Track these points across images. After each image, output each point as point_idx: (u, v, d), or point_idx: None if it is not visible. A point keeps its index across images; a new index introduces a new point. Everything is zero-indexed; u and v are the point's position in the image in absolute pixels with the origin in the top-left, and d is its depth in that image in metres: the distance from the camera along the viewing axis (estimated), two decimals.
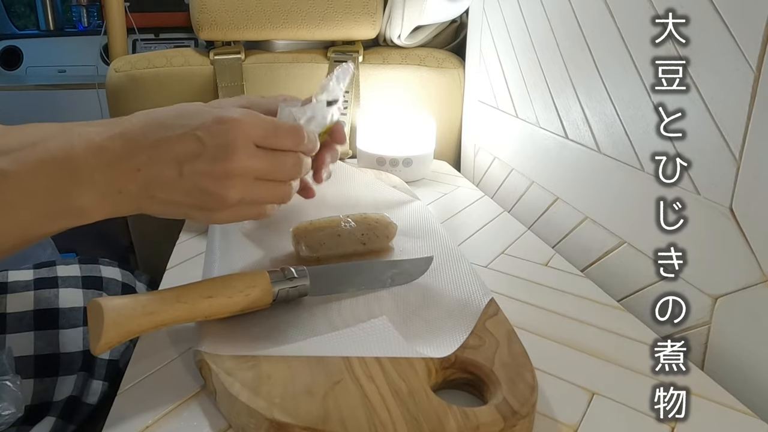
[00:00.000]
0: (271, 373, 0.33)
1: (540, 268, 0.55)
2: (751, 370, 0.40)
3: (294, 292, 0.40)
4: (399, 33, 0.95)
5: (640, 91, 0.50)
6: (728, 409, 0.36)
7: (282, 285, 0.39)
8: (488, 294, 0.42)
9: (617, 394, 0.37)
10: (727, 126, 0.41)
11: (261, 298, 0.38)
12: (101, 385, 0.52)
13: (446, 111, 0.96)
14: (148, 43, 1.83)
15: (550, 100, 0.66)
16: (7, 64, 1.98)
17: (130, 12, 1.40)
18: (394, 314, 0.41)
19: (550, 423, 0.34)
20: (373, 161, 0.80)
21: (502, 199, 0.79)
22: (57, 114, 1.82)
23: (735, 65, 0.40)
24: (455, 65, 0.96)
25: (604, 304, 0.48)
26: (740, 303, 0.41)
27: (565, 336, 0.43)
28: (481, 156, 0.88)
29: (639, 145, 0.51)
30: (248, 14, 0.90)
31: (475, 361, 0.35)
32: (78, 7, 2.05)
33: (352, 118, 0.94)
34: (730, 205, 0.41)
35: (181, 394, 0.36)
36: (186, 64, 0.93)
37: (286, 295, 0.39)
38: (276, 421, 0.30)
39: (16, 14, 2.16)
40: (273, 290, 0.39)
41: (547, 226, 0.68)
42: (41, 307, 0.51)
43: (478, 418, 0.30)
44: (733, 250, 0.41)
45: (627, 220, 0.53)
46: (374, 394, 0.32)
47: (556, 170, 0.66)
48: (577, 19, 0.59)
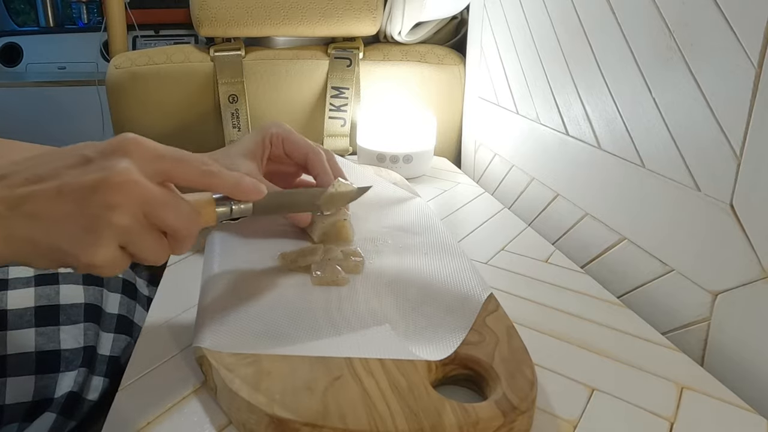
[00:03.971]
0: (272, 369, 0.33)
1: (540, 264, 0.55)
2: (751, 366, 0.40)
3: (237, 211, 0.39)
4: (399, 29, 0.95)
5: (640, 87, 0.50)
6: (728, 405, 0.36)
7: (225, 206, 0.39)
8: (488, 289, 0.42)
9: (617, 390, 0.37)
10: (728, 122, 0.41)
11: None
12: (102, 382, 0.52)
13: (447, 107, 0.96)
14: (148, 39, 1.83)
15: (550, 97, 0.66)
16: (7, 61, 1.98)
17: (130, 8, 1.39)
18: (394, 310, 0.41)
19: (550, 419, 0.34)
20: (373, 158, 0.80)
21: (503, 195, 0.79)
22: (57, 111, 1.83)
23: (736, 61, 0.40)
24: (456, 62, 0.96)
25: (604, 300, 0.48)
26: (740, 299, 0.41)
27: (564, 332, 0.43)
28: (482, 152, 0.88)
29: (639, 141, 0.51)
30: (248, 11, 0.89)
31: (475, 357, 0.35)
32: (78, 4, 2.05)
33: (353, 115, 0.94)
34: (731, 201, 0.41)
35: (181, 391, 0.36)
36: (186, 60, 0.93)
37: (229, 212, 0.39)
38: (276, 417, 0.30)
39: (16, 11, 2.16)
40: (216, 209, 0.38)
41: (548, 222, 0.68)
42: (42, 304, 0.51)
43: (477, 414, 0.30)
44: (733, 246, 0.41)
45: (627, 217, 0.53)
46: (374, 390, 0.32)
47: (556, 167, 0.66)
48: (578, 15, 0.59)
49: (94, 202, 0.30)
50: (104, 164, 0.31)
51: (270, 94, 0.94)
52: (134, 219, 0.31)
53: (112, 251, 0.31)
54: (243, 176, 0.38)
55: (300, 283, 0.44)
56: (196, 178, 0.35)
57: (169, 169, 0.34)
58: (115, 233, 0.31)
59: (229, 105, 0.93)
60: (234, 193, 0.38)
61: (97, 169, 0.31)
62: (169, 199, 0.33)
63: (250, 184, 0.38)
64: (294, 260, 0.46)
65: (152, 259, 0.34)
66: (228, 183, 0.37)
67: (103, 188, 0.30)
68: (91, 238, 0.30)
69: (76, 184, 0.30)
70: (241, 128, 0.93)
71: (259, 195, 0.38)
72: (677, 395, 0.36)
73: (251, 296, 0.42)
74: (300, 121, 0.96)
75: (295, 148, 0.54)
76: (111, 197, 0.30)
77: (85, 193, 0.30)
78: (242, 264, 0.46)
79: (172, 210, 0.33)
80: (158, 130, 0.94)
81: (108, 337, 0.54)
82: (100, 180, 0.30)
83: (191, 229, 0.35)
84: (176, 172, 0.34)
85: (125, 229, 0.31)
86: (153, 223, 0.33)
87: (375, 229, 0.54)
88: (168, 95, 0.93)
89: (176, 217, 0.33)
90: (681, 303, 0.47)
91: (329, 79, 0.94)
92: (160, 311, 0.45)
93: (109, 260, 0.31)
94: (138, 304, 0.60)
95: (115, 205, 0.30)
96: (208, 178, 0.36)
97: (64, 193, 0.30)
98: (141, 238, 0.32)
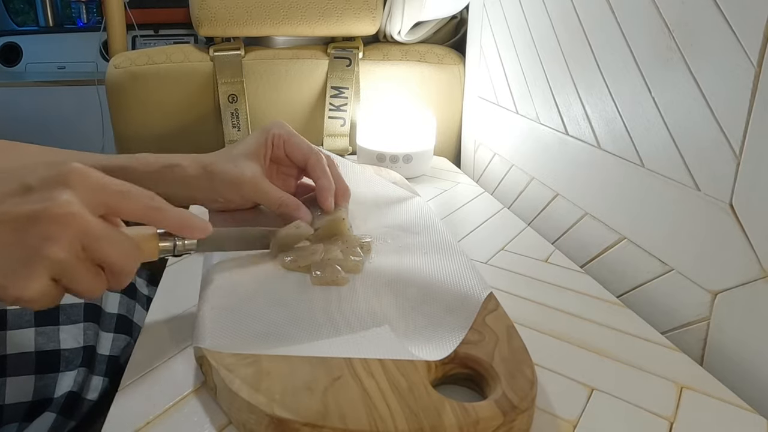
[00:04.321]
0: (271, 370, 0.33)
1: (540, 264, 0.55)
2: (751, 366, 0.40)
3: (180, 247, 0.39)
4: (399, 29, 0.95)
5: (640, 87, 0.50)
6: (727, 404, 0.36)
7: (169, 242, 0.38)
8: (487, 288, 0.42)
9: (617, 389, 0.37)
10: (728, 122, 0.41)
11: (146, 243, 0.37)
12: (102, 381, 0.52)
13: (446, 107, 0.96)
14: (147, 39, 1.83)
15: (550, 96, 0.66)
16: (7, 61, 1.98)
17: (129, 8, 1.39)
18: (394, 309, 0.41)
19: (550, 418, 0.34)
20: (373, 158, 0.80)
21: (502, 195, 0.79)
22: (57, 110, 1.83)
23: (736, 61, 0.40)
24: (455, 61, 0.96)
25: (604, 300, 0.48)
26: (740, 299, 0.41)
27: (564, 332, 0.43)
28: (481, 152, 0.88)
29: (639, 141, 0.51)
30: (248, 10, 0.89)
31: (475, 357, 0.35)
32: (77, 4, 2.05)
33: (352, 115, 0.94)
34: (730, 200, 0.41)
35: (181, 391, 0.36)
36: (186, 60, 0.93)
37: (172, 248, 0.39)
38: (276, 417, 0.30)
39: (16, 10, 2.15)
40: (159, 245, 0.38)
41: (547, 222, 0.68)
42: None
43: (477, 413, 0.30)
44: (732, 245, 0.41)
45: (627, 216, 0.53)
46: (374, 390, 0.32)
47: (556, 166, 0.66)
48: (578, 15, 0.59)
49: (31, 233, 0.30)
50: (45, 195, 0.30)
51: (270, 94, 0.94)
52: (71, 252, 0.30)
53: (43, 285, 0.30)
54: (190, 214, 0.37)
55: (300, 283, 0.44)
56: (141, 212, 0.34)
57: (113, 203, 0.33)
58: (49, 266, 0.30)
59: (229, 105, 0.92)
60: (179, 230, 0.37)
61: (38, 199, 0.30)
62: (108, 233, 0.32)
63: (196, 222, 0.37)
64: (294, 260, 0.46)
65: (87, 294, 0.33)
66: (173, 220, 0.36)
67: (41, 220, 0.30)
68: (25, 271, 0.30)
69: (14, 213, 0.30)
70: (240, 128, 0.93)
71: (204, 233, 0.38)
72: (677, 395, 0.36)
73: (251, 296, 0.42)
74: (300, 120, 0.96)
75: (296, 150, 0.53)
76: (49, 229, 0.30)
77: (23, 223, 0.30)
78: (242, 264, 0.46)
79: (110, 244, 0.32)
80: (158, 130, 0.94)
81: (108, 337, 0.54)
82: (39, 211, 0.30)
83: (130, 264, 0.34)
84: (120, 206, 0.33)
85: (60, 263, 0.30)
86: (91, 257, 0.32)
87: (375, 228, 0.54)
88: (168, 95, 0.93)
89: (115, 251, 0.32)
90: (680, 303, 0.47)
91: (329, 78, 0.94)
92: (159, 311, 0.45)
93: (38, 294, 0.30)
94: (138, 303, 0.60)
95: (52, 237, 0.30)
96: (153, 213, 0.35)
97: (2, 222, 0.30)
98: (76, 272, 0.31)
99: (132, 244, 0.34)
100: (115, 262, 0.33)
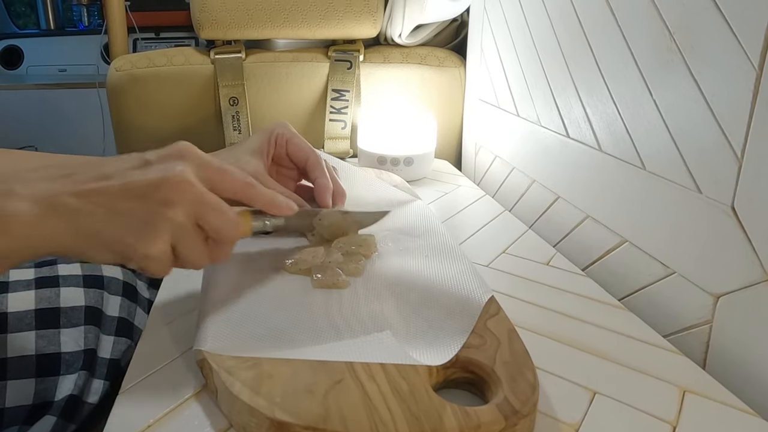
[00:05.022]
0: (272, 372, 0.33)
1: (541, 267, 0.55)
2: (753, 369, 0.40)
3: (269, 225, 0.43)
4: (400, 32, 0.95)
5: (641, 89, 0.50)
6: (730, 408, 0.36)
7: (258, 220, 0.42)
8: (489, 292, 0.42)
9: (619, 393, 0.37)
10: (729, 124, 0.41)
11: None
12: (102, 385, 0.51)
13: (447, 110, 0.96)
14: (148, 42, 1.83)
15: (551, 99, 0.66)
16: (8, 64, 1.99)
17: (130, 11, 1.40)
18: (395, 312, 0.41)
19: (552, 422, 0.34)
20: (373, 160, 0.80)
21: (503, 198, 0.79)
22: (58, 113, 1.83)
23: (737, 63, 0.40)
24: (456, 64, 0.96)
25: (606, 303, 0.48)
26: (742, 302, 0.41)
27: (566, 335, 0.43)
28: (482, 155, 0.88)
29: (640, 143, 0.51)
30: (249, 13, 0.90)
31: (476, 360, 0.35)
32: (78, 6, 2.06)
33: (353, 118, 0.94)
34: (732, 203, 0.41)
35: (182, 394, 0.36)
36: (187, 63, 0.93)
37: (262, 225, 0.42)
38: (277, 420, 0.30)
39: (17, 13, 2.16)
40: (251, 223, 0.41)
41: (548, 225, 0.68)
42: (42, 306, 0.51)
43: (479, 417, 0.30)
44: (734, 248, 0.41)
45: (628, 219, 0.53)
46: (375, 393, 0.32)
47: (557, 169, 0.66)
48: (578, 17, 0.59)
49: (154, 198, 0.33)
50: (163, 166, 0.35)
51: (270, 97, 0.95)
52: (188, 218, 0.34)
53: (165, 244, 0.34)
54: (276, 193, 0.41)
55: (301, 286, 0.44)
56: (239, 188, 0.38)
57: (216, 178, 0.37)
58: (169, 228, 0.34)
59: (230, 107, 0.93)
60: (269, 207, 0.41)
61: (158, 171, 0.34)
62: (218, 203, 0.36)
63: (284, 201, 0.41)
64: (295, 263, 0.46)
65: (195, 261, 0.36)
66: (265, 197, 0.40)
67: (162, 186, 0.33)
68: (150, 230, 0.33)
69: (139, 182, 0.34)
70: (241, 131, 0.93)
71: (291, 211, 0.42)
72: (679, 399, 0.36)
73: (252, 299, 0.42)
74: (300, 123, 0.96)
75: (297, 150, 0.54)
76: (169, 194, 0.33)
77: (147, 190, 0.33)
78: (243, 267, 0.46)
79: (220, 214, 0.35)
80: (159, 133, 0.95)
81: (108, 340, 0.54)
82: (160, 179, 0.34)
83: (234, 236, 0.37)
84: (222, 181, 0.37)
85: (180, 226, 0.34)
86: (200, 225, 0.35)
87: (376, 231, 0.54)
88: (168, 98, 0.93)
89: (222, 221, 0.36)
90: (682, 306, 0.46)
91: (330, 81, 0.94)
92: (160, 314, 0.45)
93: (161, 253, 0.34)
94: (139, 306, 0.60)
95: (172, 202, 0.33)
96: (248, 190, 0.39)
97: (129, 190, 0.33)
98: (191, 238, 0.35)
99: (236, 217, 0.37)
100: (222, 231, 0.36)
